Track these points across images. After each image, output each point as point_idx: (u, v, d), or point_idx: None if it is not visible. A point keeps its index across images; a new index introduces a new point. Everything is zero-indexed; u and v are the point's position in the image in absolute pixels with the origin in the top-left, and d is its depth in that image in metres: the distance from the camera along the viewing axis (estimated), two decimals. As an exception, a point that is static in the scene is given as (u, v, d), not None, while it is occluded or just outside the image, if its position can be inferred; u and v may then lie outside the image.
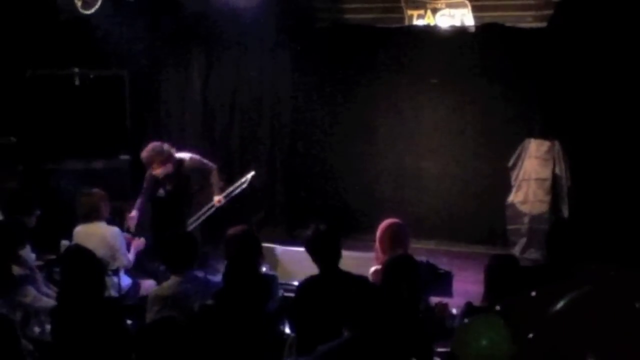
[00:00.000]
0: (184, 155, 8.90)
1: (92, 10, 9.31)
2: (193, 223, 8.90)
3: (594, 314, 3.53)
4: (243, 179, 9.19)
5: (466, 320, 3.71)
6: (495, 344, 3.50)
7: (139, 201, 8.91)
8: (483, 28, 10.37)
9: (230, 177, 9.93)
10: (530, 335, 3.56)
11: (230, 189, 9.13)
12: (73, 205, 7.34)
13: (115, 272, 7.20)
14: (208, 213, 8.94)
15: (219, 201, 8.93)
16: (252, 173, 9.22)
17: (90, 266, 5.44)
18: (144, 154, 8.60)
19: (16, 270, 6.02)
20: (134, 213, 8.76)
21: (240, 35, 10.67)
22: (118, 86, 10.48)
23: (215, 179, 8.98)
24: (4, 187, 8.72)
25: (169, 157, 8.66)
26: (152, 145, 8.63)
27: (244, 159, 10.68)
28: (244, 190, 9.22)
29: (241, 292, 5.28)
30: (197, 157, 8.96)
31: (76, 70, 10.24)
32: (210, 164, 8.98)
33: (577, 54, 9.55)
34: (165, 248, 6.09)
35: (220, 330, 5.15)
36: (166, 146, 8.66)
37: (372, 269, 6.50)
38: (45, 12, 10.00)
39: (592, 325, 3.48)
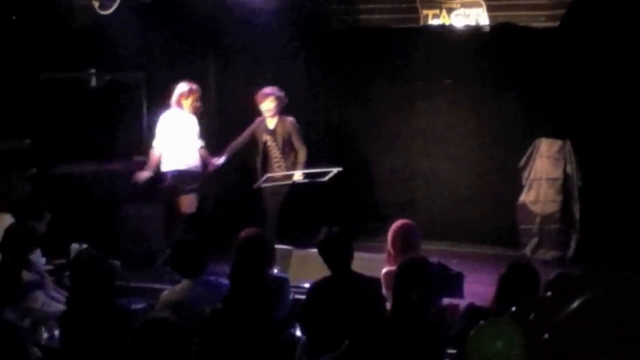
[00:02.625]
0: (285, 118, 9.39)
1: (110, 11, 9.34)
2: (265, 181, 9.14)
3: (609, 316, 3.45)
4: (328, 169, 9.21)
5: (481, 322, 3.66)
6: (510, 346, 3.45)
7: (232, 145, 9.48)
8: (497, 28, 10.37)
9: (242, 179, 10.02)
10: (545, 336, 3.53)
11: (314, 170, 9.25)
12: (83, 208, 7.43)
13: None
14: (282, 182, 9.28)
15: (298, 177, 9.23)
16: (340, 169, 9.24)
17: (100, 271, 5.45)
18: (272, 88, 9.35)
19: (26, 275, 6.04)
20: (222, 159, 9.35)
21: (255, 39, 10.66)
22: (134, 89, 10.52)
23: (302, 156, 9.33)
24: (16, 190, 8.76)
25: (283, 107, 9.34)
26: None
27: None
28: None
29: (247, 295, 5.28)
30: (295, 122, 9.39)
31: (92, 72, 10.27)
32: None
33: (589, 54, 9.52)
34: (175, 253, 6.10)
35: (230, 334, 5.15)
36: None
37: (384, 270, 6.51)
38: (62, 14, 10.01)
39: (607, 328, 3.41)
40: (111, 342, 5.06)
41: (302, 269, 7.44)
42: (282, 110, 9.39)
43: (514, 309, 3.92)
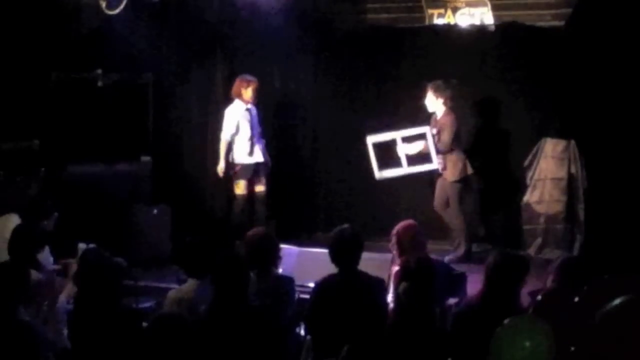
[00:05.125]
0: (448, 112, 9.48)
1: (117, 10, 9.36)
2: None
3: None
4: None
5: (506, 321, 3.61)
6: (539, 346, 3.41)
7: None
8: (502, 27, 10.36)
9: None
10: (572, 349, 3.49)
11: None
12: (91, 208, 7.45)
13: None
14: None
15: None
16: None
17: (106, 270, 5.50)
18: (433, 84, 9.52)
19: (34, 274, 6.08)
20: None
21: (262, 40, 10.67)
22: (141, 89, 10.55)
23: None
24: (26, 190, 8.78)
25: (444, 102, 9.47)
26: None
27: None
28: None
29: (236, 295, 5.26)
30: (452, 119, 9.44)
31: (99, 73, 10.30)
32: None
33: (595, 53, 9.50)
34: (183, 252, 6.13)
35: (224, 331, 5.16)
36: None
37: (395, 269, 6.53)
38: (69, 14, 10.04)
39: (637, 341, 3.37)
40: (119, 340, 5.10)
41: (307, 269, 7.46)
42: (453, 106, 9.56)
43: (539, 298, 3.88)
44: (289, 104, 10.86)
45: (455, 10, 10.80)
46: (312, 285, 6.29)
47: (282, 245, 6.96)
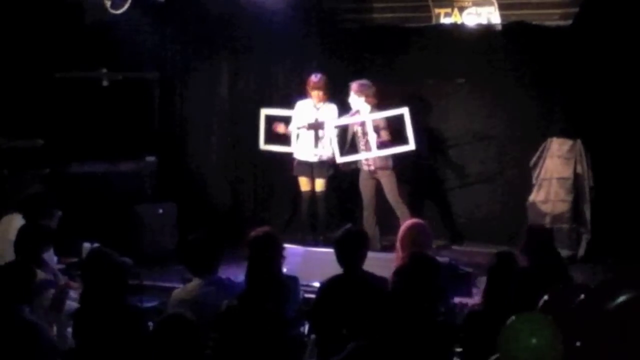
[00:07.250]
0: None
1: (122, 10, 9.37)
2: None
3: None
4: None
5: (513, 317, 3.57)
6: (546, 343, 3.39)
7: None
8: (509, 26, 10.35)
9: (254, 178, 10.01)
10: (578, 344, 3.50)
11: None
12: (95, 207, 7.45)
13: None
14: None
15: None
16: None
17: (111, 269, 5.50)
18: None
19: (40, 274, 6.08)
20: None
21: (267, 38, 10.68)
22: (146, 88, 10.55)
23: None
24: (30, 190, 8.78)
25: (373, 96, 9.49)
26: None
27: (270, 160, 10.67)
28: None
29: (261, 294, 5.31)
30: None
31: (104, 72, 10.30)
32: None
33: (602, 52, 9.49)
34: (187, 251, 6.13)
35: (242, 331, 5.19)
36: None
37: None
38: (74, 13, 10.04)
39: None
40: (124, 339, 5.10)
41: (312, 268, 7.46)
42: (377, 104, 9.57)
43: (545, 298, 3.88)
44: (293, 102, 10.83)
45: (462, 9, 10.78)
46: (317, 284, 6.31)
47: (287, 245, 6.96)
